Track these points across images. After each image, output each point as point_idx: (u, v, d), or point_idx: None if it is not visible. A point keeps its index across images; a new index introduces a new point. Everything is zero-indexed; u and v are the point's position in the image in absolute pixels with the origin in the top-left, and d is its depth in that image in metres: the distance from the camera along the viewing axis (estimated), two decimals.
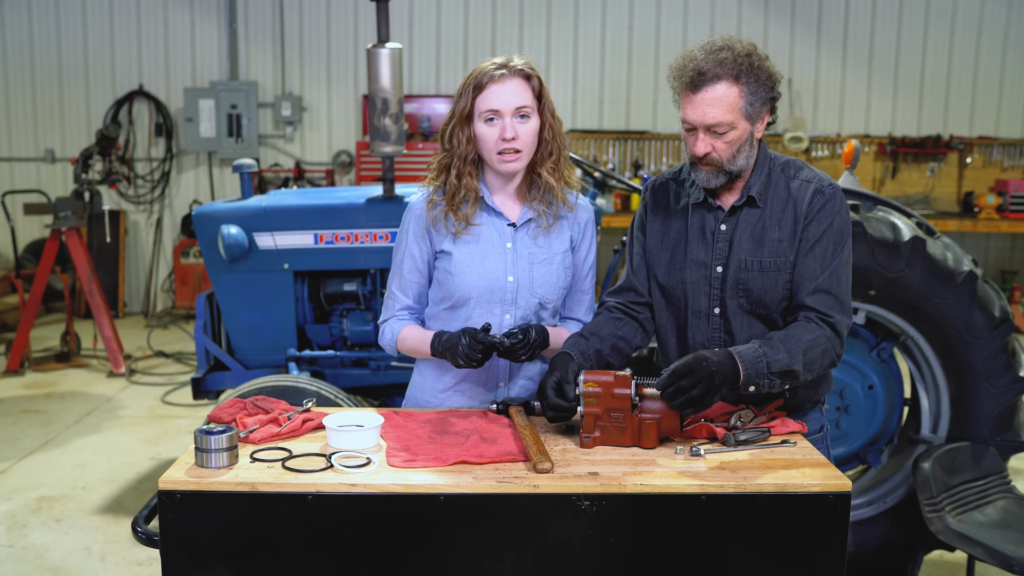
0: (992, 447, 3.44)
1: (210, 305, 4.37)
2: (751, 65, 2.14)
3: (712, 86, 2.12)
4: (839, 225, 2.24)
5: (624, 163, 8.87)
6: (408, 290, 2.44)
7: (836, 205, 2.23)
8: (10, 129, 9.10)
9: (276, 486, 1.83)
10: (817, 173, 2.29)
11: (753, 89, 2.14)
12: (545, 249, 2.39)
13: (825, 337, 2.17)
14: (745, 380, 2.08)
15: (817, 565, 1.85)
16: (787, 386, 2.15)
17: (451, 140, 2.32)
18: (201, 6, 8.94)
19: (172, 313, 8.96)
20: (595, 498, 1.82)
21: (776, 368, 2.09)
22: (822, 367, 2.18)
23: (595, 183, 4.31)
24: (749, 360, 2.09)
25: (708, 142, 2.17)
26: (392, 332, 2.44)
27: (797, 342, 2.14)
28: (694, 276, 2.30)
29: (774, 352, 2.11)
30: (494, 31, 8.92)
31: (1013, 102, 9.00)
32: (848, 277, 2.26)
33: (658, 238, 2.37)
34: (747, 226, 2.26)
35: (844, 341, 2.22)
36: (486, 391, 2.43)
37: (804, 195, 2.23)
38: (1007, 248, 9.18)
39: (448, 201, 2.34)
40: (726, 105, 2.13)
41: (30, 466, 4.92)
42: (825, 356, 2.17)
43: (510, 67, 2.27)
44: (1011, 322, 3.42)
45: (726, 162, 2.19)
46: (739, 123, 2.15)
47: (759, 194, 2.25)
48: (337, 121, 9.11)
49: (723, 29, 8.84)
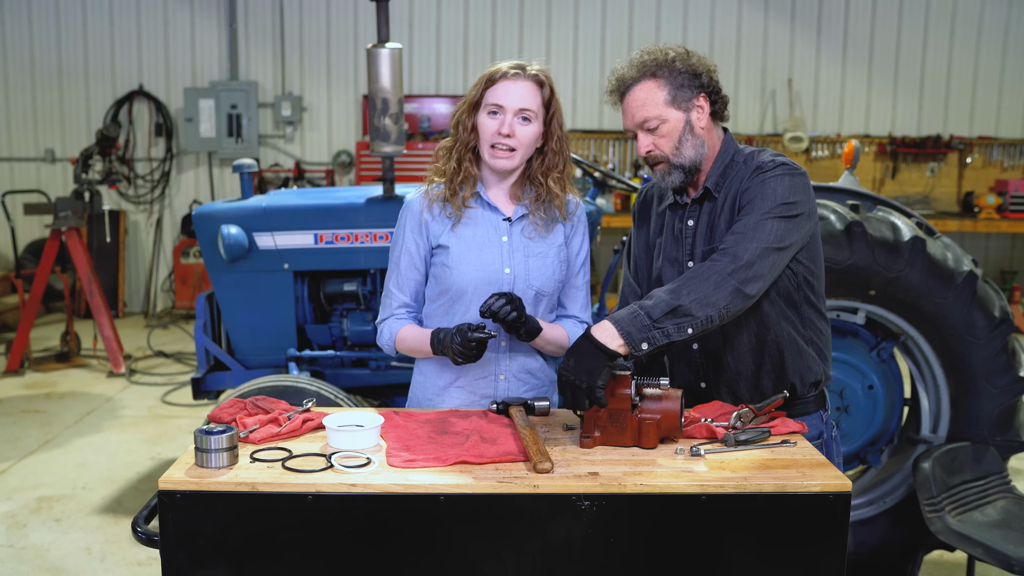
0: (992, 447, 3.45)
1: (210, 305, 4.37)
2: (666, 59, 2.24)
3: (632, 88, 2.26)
4: (773, 189, 2.16)
5: (624, 163, 8.88)
6: (405, 287, 2.46)
7: (772, 175, 2.18)
8: (10, 129, 9.11)
9: (276, 486, 1.82)
10: (774, 156, 2.26)
11: (671, 80, 2.23)
12: (540, 243, 2.42)
13: (717, 269, 2.09)
14: (628, 340, 2.01)
15: (817, 565, 1.85)
16: (690, 330, 2.04)
17: (457, 126, 2.40)
18: (201, 6, 8.94)
19: (172, 313, 8.96)
20: (595, 498, 1.82)
21: (658, 312, 2.03)
22: (723, 298, 2.07)
23: (595, 183, 4.31)
24: (623, 317, 2.04)
25: (648, 140, 2.27)
26: (391, 331, 2.46)
27: (680, 281, 2.10)
28: (669, 274, 2.35)
29: (651, 300, 2.06)
30: (494, 31, 8.92)
31: (1013, 102, 9.01)
32: (775, 232, 2.14)
33: (644, 243, 2.47)
34: (706, 218, 2.32)
35: (756, 273, 2.10)
36: (486, 384, 2.44)
37: (746, 173, 2.25)
38: (1007, 248, 9.18)
39: (447, 184, 2.40)
40: (648, 101, 2.24)
41: (30, 466, 4.92)
42: (721, 286, 2.07)
43: (525, 69, 2.33)
44: (1011, 322, 3.42)
45: (671, 155, 2.26)
46: (668, 114, 2.24)
47: (714, 185, 2.30)
48: (337, 121, 9.11)
49: (723, 29, 8.85)
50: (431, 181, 2.44)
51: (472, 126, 2.36)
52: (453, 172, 2.39)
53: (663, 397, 2.05)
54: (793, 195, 2.18)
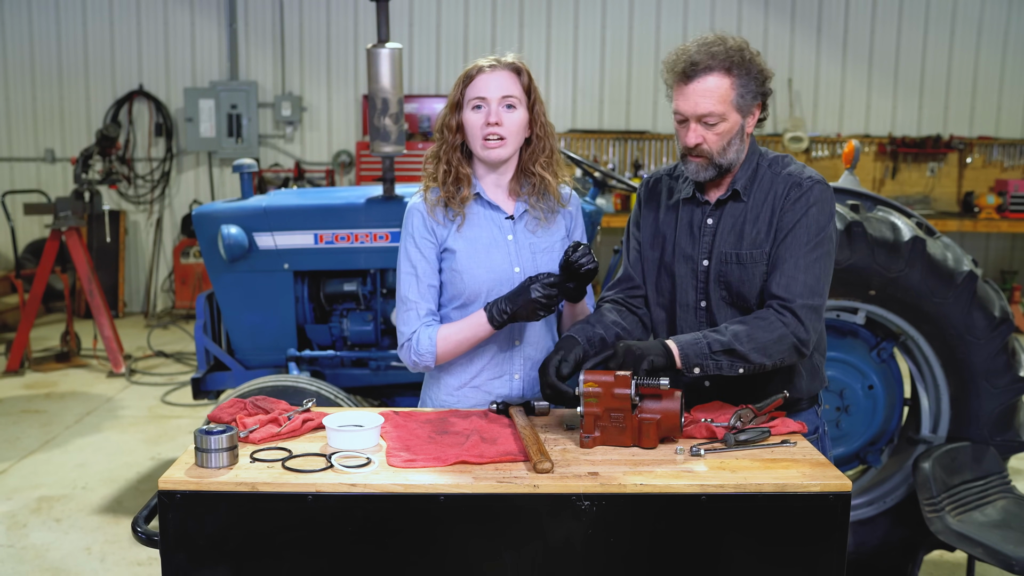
0: (992, 447, 3.44)
1: (210, 305, 4.37)
2: (743, 58, 2.18)
3: (704, 77, 2.17)
4: (815, 218, 2.21)
5: (624, 163, 8.87)
6: (427, 294, 2.39)
7: (813, 198, 2.21)
8: (10, 129, 9.11)
9: (276, 486, 1.83)
10: (804, 169, 2.28)
11: (744, 82, 2.19)
12: (544, 239, 2.42)
13: (782, 323, 2.16)
14: (683, 360, 2.12)
15: (817, 565, 1.85)
16: (741, 370, 2.14)
17: (441, 129, 2.40)
18: (201, 6, 8.94)
19: (172, 313, 8.96)
20: (595, 498, 1.82)
21: (717, 347, 2.12)
22: (780, 352, 2.16)
23: (595, 183, 4.31)
24: (687, 341, 2.14)
25: (699, 132, 2.21)
26: (430, 338, 2.35)
27: (747, 324, 2.16)
28: (682, 270, 2.34)
29: (717, 335, 2.14)
30: (494, 31, 8.92)
31: (1013, 102, 9.00)
32: (823, 271, 2.21)
33: (651, 233, 2.42)
34: (730, 219, 2.29)
35: (812, 330, 2.18)
36: (501, 384, 2.43)
37: (783, 187, 2.25)
38: (1007, 248, 9.18)
39: (442, 188, 2.39)
40: (718, 96, 2.17)
41: (30, 466, 4.92)
42: (782, 342, 2.15)
43: (500, 61, 2.35)
44: (1011, 322, 3.42)
45: (716, 154, 2.22)
46: (730, 115, 2.19)
47: (744, 188, 2.28)
48: (337, 121, 9.11)
49: (723, 29, 8.80)
50: (427, 187, 2.43)
51: (456, 126, 2.36)
52: (444, 175, 2.38)
53: (663, 397, 2.05)
54: (829, 218, 2.24)
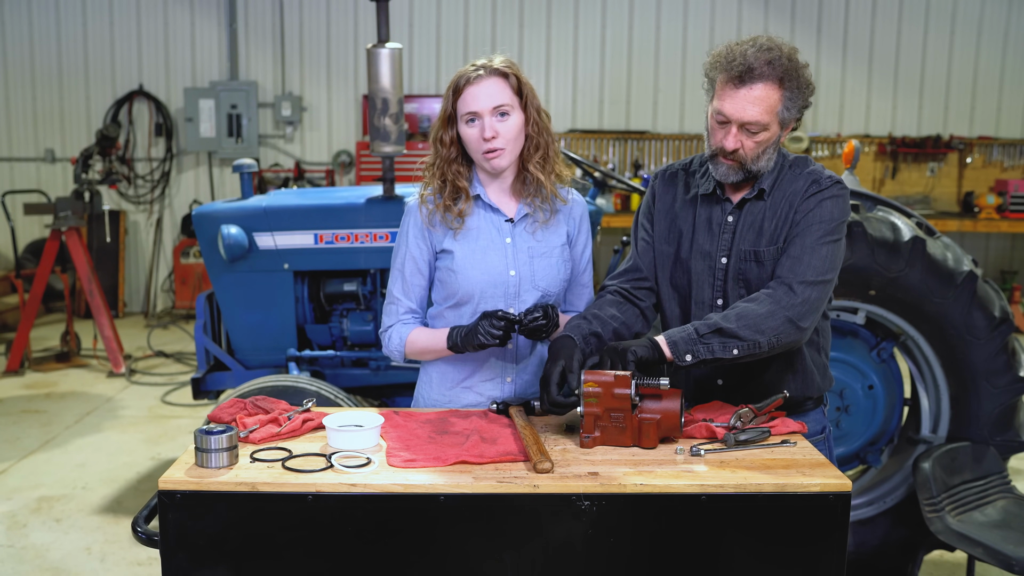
0: (992, 447, 3.44)
1: (210, 305, 4.37)
2: (796, 71, 2.15)
3: (757, 84, 2.13)
4: (829, 210, 2.20)
5: (624, 163, 8.87)
6: (411, 293, 2.44)
7: (829, 195, 2.22)
8: (10, 129, 9.10)
9: (276, 486, 1.83)
10: (824, 170, 2.29)
11: (793, 95, 2.16)
12: (544, 243, 2.41)
13: (771, 298, 2.13)
14: (672, 348, 2.09)
15: (817, 565, 1.85)
16: (735, 350, 2.09)
17: (436, 142, 2.39)
18: (201, 6, 8.94)
19: (172, 313, 8.96)
20: (595, 498, 1.82)
21: (704, 330, 2.10)
22: (773, 328, 2.11)
23: (595, 183, 4.31)
24: (675, 330, 2.13)
25: (739, 138, 2.18)
26: (400, 337, 2.43)
27: (735, 306, 2.15)
28: (699, 266, 2.32)
29: (705, 320, 2.14)
30: (494, 31, 8.92)
31: (1013, 102, 9.00)
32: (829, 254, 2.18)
33: (665, 227, 2.39)
34: (750, 218, 2.28)
35: (806, 302, 2.13)
36: (493, 387, 2.44)
37: (803, 184, 2.25)
38: (1007, 248, 9.18)
39: (439, 200, 2.38)
40: (766, 105, 2.14)
41: (30, 466, 4.92)
42: (773, 316, 2.11)
43: (487, 67, 2.30)
44: (1011, 322, 3.42)
45: (750, 161, 2.20)
46: (772, 125, 2.17)
47: (768, 188, 2.27)
48: (337, 121, 9.11)
49: (723, 29, 8.84)
50: (426, 187, 2.43)
51: (451, 140, 2.35)
52: (440, 188, 2.38)
53: (663, 397, 2.05)
54: (843, 214, 2.23)
